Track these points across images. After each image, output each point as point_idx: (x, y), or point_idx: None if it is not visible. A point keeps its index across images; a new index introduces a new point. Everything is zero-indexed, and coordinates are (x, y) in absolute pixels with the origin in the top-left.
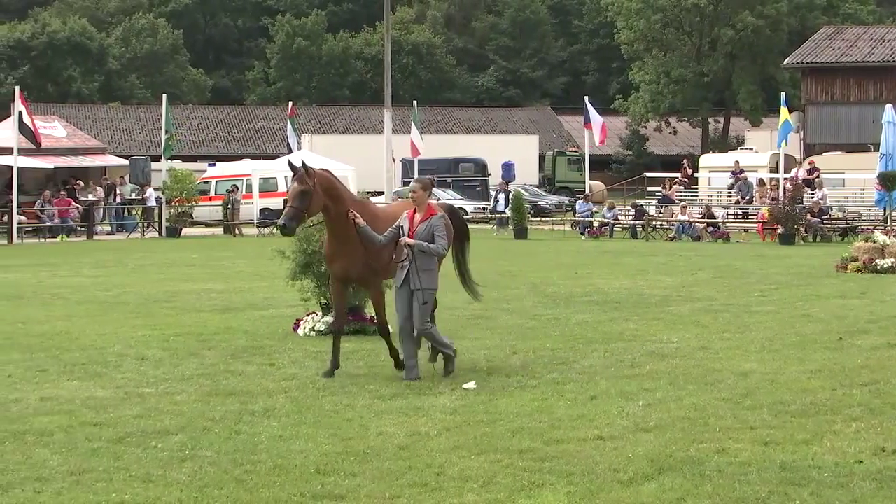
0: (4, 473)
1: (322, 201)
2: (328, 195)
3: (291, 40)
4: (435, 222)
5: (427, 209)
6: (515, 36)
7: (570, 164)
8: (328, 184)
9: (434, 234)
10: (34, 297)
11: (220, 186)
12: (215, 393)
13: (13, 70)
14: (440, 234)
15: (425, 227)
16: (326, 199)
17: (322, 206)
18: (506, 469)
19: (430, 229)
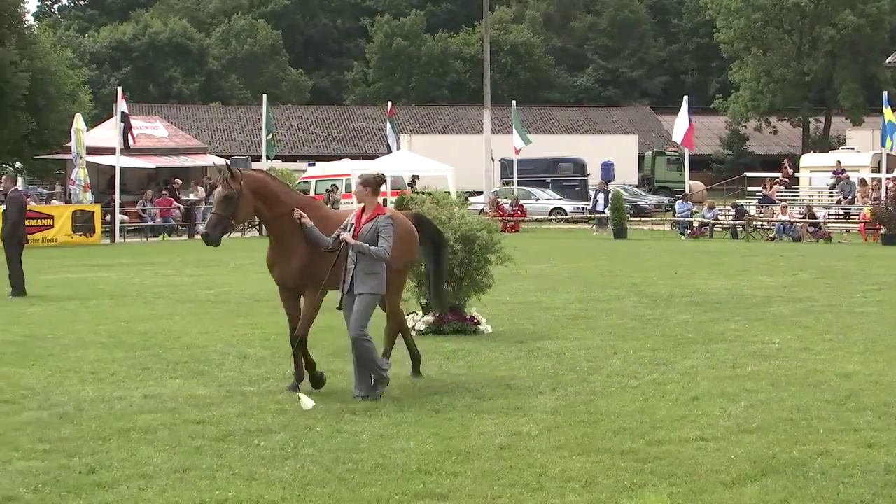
0: (109, 470)
1: (251, 205)
2: (259, 198)
3: (390, 40)
4: (381, 223)
5: (375, 209)
6: (614, 35)
7: (669, 164)
8: (258, 185)
9: (379, 236)
10: (137, 296)
11: (320, 186)
12: (317, 392)
13: (115, 71)
14: (385, 235)
15: (370, 228)
16: (258, 202)
17: (252, 211)
18: (607, 470)
19: (374, 230)
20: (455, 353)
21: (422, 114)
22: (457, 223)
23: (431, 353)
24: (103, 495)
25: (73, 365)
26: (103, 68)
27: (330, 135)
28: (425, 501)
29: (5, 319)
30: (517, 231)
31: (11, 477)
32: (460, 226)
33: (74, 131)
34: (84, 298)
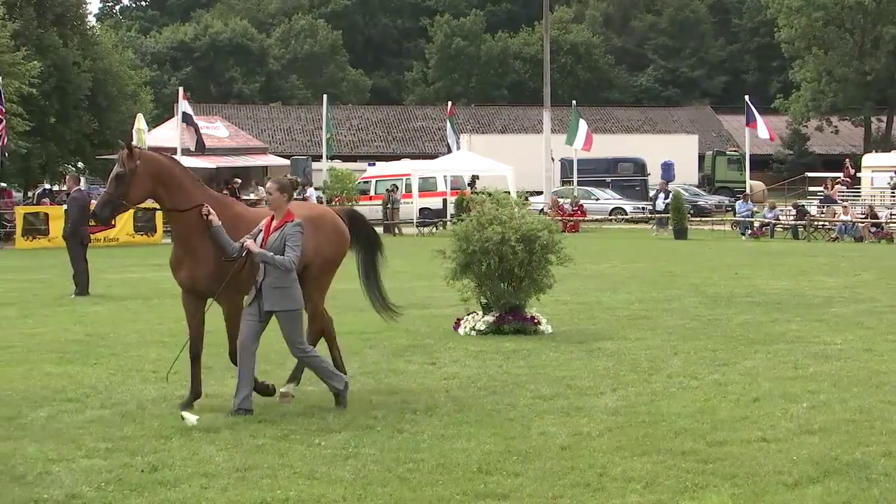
0: (172, 469)
1: (147, 189)
2: (159, 182)
3: (450, 40)
4: (288, 231)
5: (285, 215)
6: (675, 35)
7: (729, 164)
8: (159, 168)
9: (285, 245)
10: None
11: (380, 186)
12: (377, 391)
13: (176, 71)
14: (291, 244)
15: (278, 237)
16: (158, 186)
17: (150, 195)
18: (668, 470)
19: (282, 239)
20: (515, 353)
21: (481, 114)
22: (517, 223)
23: (492, 352)
24: (165, 493)
25: (135, 364)
26: (164, 69)
27: (390, 135)
28: (486, 501)
29: (69, 319)
30: (577, 231)
31: (75, 475)
32: (521, 226)
33: (136, 131)
34: (146, 298)
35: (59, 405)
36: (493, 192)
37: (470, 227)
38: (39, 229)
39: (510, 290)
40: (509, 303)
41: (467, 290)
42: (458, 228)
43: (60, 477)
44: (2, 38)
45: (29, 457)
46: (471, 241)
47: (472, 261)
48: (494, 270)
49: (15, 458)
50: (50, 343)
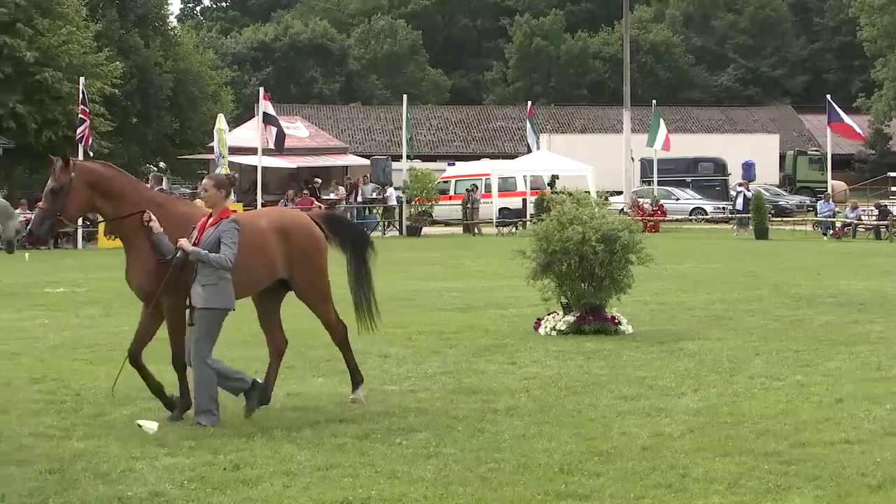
0: (254, 467)
1: (85, 201)
2: (97, 192)
3: (530, 40)
4: (223, 227)
5: (221, 212)
6: (755, 34)
7: (811, 164)
8: (95, 178)
9: (221, 242)
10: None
11: (460, 186)
12: (458, 391)
13: (257, 72)
14: (227, 241)
15: (213, 234)
16: (96, 197)
17: (88, 208)
18: (751, 472)
19: (217, 235)
20: (596, 354)
21: (561, 113)
22: (598, 223)
23: (572, 353)
24: (248, 492)
25: None
26: (245, 69)
27: (469, 135)
28: (567, 502)
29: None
30: (657, 231)
31: (158, 473)
32: (601, 225)
33: (217, 131)
34: None
35: (142, 403)
36: (573, 192)
37: (550, 227)
38: None
39: (591, 289)
40: (590, 303)
41: (548, 289)
42: (539, 228)
43: (144, 474)
44: (85, 39)
45: (113, 454)
46: (551, 240)
47: (552, 260)
48: (575, 270)
49: (99, 456)
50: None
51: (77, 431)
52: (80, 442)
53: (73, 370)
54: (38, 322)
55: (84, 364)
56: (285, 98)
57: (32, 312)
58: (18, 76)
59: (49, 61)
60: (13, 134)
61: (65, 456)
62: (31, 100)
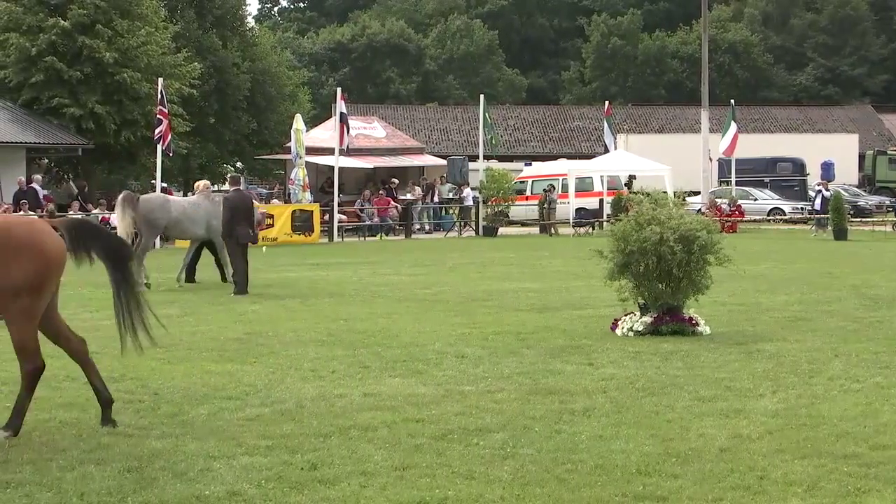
0: (331, 467)
1: None
2: None
3: (607, 40)
4: None
5: None
6: (834, 33)
7: (891, 164)
8: None
9: None
10: (356, 295)
11: (537, 186)
12: (535, 391)
13: (334, 72)
14: None
15: None
16: None
17: None
18: (830, 474)
19: None
20: (673, 355)
21: (638, 113)
22: (675, 223)
23: (649, 354)
24: (325, 491)
25: (294, 362)
26: (322, 69)
27: (546, 135)
28: (645, 503)
29: (228, 317)
30: (735, 231)
31: (235, 472)
32: (679, 226)
33: (294, 131)
34: (303, 297)
35: (219, 403)
36: (651, 193)
37: (628, 227)
38: None
39: (668, 290)
40: (667, 303)
41: (625, 290)
42: (616, 228)
43: (221, 473)
44: (163, 40)
45: (190, 453)
46: (629, 241)
47: (630, 261)
48: (652, 271)
49: (176, 455)
50: (210, 341)
51: (155, 430)
52: (157, 441)
53: (150, 369)
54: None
55: (162, 363)
56: (362, 98)
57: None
58: (98, 77)
59: (128, 62)
60: (92, 134)
61: (143, 454)
62: (111, 100)
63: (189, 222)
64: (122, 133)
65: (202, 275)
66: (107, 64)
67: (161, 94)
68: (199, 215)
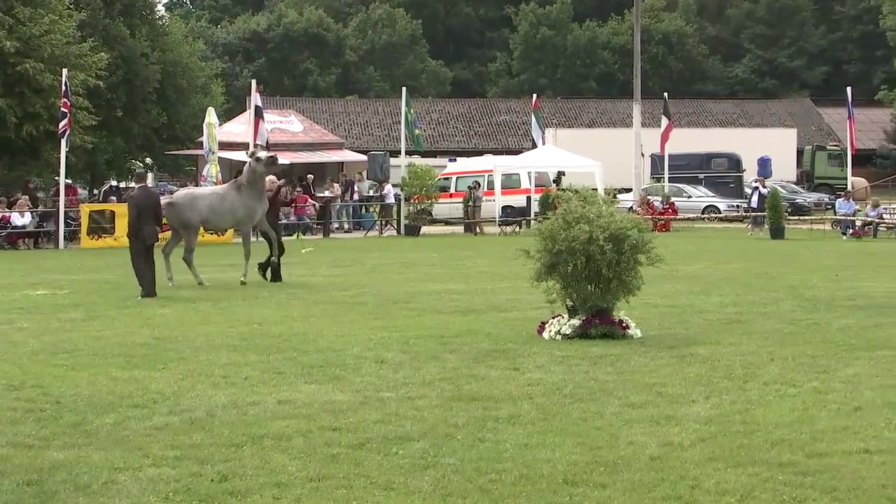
0: (243, 479)
1: None
2: None
3: (535, 30)
4: None
5: None
6: (772, 23)
7: (830, 160)
8: None
9: None
10: (270, 297)
11: (461, 183)
12: (458, 398)
13: (249, 63)
14: None
15: None
16: None
17: None
18: (765, 483)
19: None
20: (602, 359)
21: (568, 107)
22: (605, 221)
23: (577, 358)
24: None
25: (205, 368)
26: (236, 60)
27: (471, 129)
28: None
29: (136, 321)
30: (668, 230)
31: (142, 484)
32: (609, 224)
33: (206, 125)
34: (215, 299)
35: (125, 411)
36: (580, 190)
37: (556, 226)
38: (105, 228)
39: (598, 291)
40: (596, 305)
41: (552, 291)
42: (544, 227)
43: (126, 486)
44: (68, 28)
45: (94, 465)
46: (556, 240)
47: (557, 261)
48: (581, 271)
49: (79, 467)
50: (116, 347)
51: (57, 441)
52: (59, 452)
53: (52, 376)
54: (16, 326)
55: (65, 370)
56: (278, 91)
57: (10, 316)
58: None
59: (30, 52)
60: None
61: (43, 467)
62: (11, 92)
63: (217, 216)
64: (24, 127)
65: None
66: (7, 54)
67: (65, 86)
68: (226, 207)
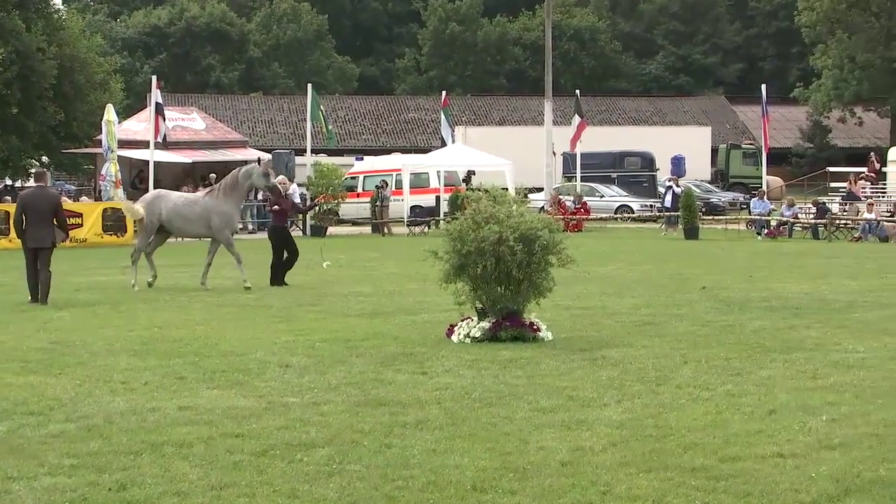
0: (142, 487)
1: None
2: None
3: (445, 25)
4: None
5: None
6: (686, 19)
7: (745, 158)
8: None
9: None
10: (171, 301)
11: (369, 182)
12: (364, 403)
13: (149, 58)
14: None
15: None
16: None
17: None
18: (677, 488)
19: None
20: (513, 362)
21: (478, 104)
22: (516, 222)
23: (487, 361)
24: None
25: (103, 374)
26: (136, 55)
27: (379, 127)
28: None
29: (31, 325)
30: (580, 230)
31: (37, 494)
32: (519, 225)
33: (105, 123)
34: (115, 303)
35: (20, 419)
36: (490, 189)
37: (465, 226)
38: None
39: (508, 293)
40: (507, 308)
41: (461, 293)
42: (452, 227)
43: (21, 496)
44: None
45: None
46: (465, 241)
47: (466, 262)
48: (491, 273)
49: None
50: (10, 352)
51: None
52: None
53: None
54: None
55: None
56: (180, 87)
57: None
58: None
59: None
60: None
61: None
62: None
63: (182, 220)
64: None
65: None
66: None
67: None
68: (196, 212)
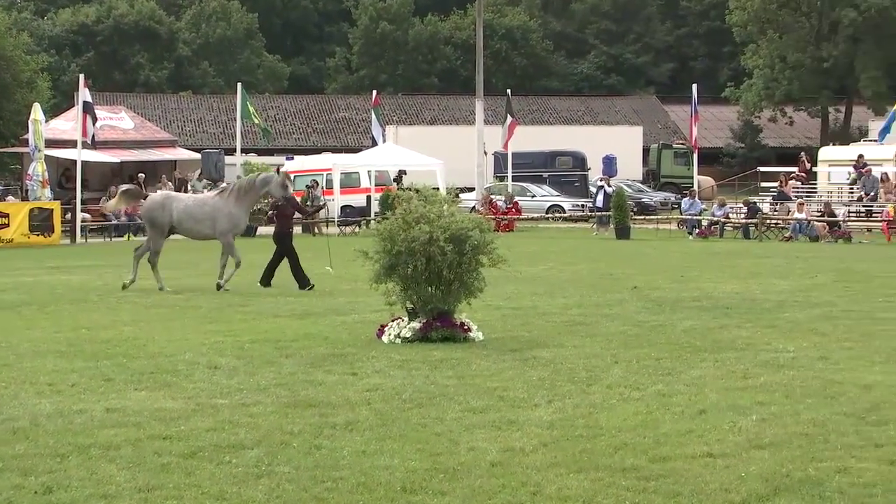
0: (68, 490)
1: None
2: None
3: (375, 24)
4: None
5: None
6: (617, 19)
7: (676, 158)
8: None
9: None
10: (100, 301)
11: (299, 182)
12: (293, 404)
13: (77, 57)
14: None
15: None
16: None
17: None
18: (607, 489)
19: None
20: (443, 363)
21: (409, 103)
22: (446, 222)
23: (418, 362)
24: None
25: (29, 376)
26: (63, 54)
27: (310, 126)
28: None
29: None
30: (511, 230)
31: None
32: (450, 224)
33: (32, 122)
34: (41, 304)
35: None
36: (421, 189)
37: (395, 226)
38: None
39: (438, 294)
40: (437, 308)
41: (392, 294)
42: (383, 227)
43: None
44: None
45: None
46: (396, 241)
47: (397, 262)
48: (421, 273)
49: None
50: None
51: None
52: None
53: None
54: None
55: None
56: (108, 86)
57: None
58: None
59: None
60: None
61: None
62: None
63: (193, 221)
64: None
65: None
66: None
67: None
68: (205, 212)
